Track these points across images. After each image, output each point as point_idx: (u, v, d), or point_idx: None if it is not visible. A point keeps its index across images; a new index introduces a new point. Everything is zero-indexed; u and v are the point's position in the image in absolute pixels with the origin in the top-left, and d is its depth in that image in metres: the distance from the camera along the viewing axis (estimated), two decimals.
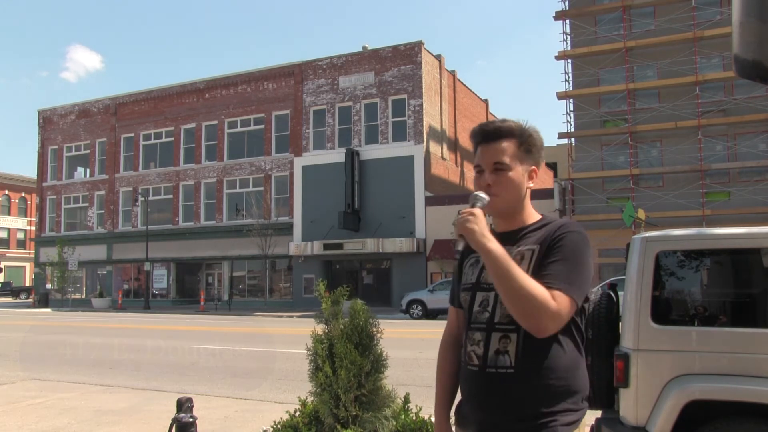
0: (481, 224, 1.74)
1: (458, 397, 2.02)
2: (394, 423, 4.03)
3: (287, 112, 35.00)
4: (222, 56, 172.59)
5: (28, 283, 59.46)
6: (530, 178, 1.93)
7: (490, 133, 1.91)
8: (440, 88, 34.33)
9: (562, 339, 1.79)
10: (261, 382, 9.41)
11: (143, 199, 37.23)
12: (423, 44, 32.16)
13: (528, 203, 1.95)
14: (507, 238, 1.87)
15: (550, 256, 1.79)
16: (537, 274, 1.76)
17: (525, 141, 1.91)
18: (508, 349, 1.80)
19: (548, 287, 1.71)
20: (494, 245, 1.71)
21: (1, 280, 58.06)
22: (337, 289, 4.33)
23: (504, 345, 1.81)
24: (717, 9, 28.86)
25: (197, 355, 12.70)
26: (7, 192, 63.95)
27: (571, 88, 31.82)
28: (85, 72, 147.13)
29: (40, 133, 43.81)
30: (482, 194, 1.85)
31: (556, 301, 1.70)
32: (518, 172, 1.89)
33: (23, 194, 65.13)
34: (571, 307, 1.74)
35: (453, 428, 2.02)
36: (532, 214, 1.95)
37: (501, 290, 1.72)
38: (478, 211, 1.77)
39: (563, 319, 1.73)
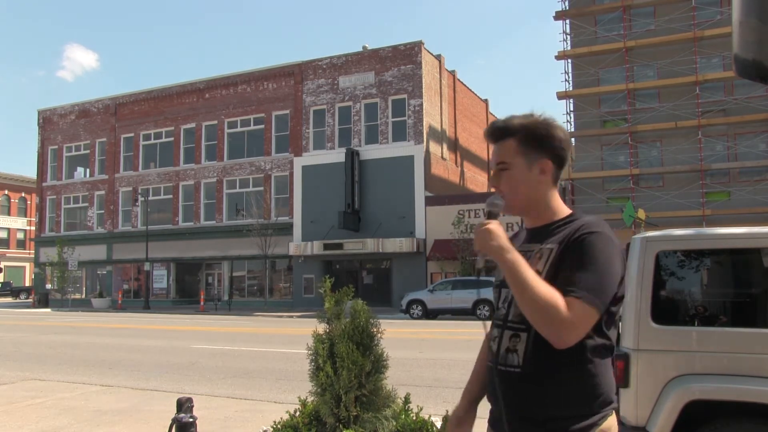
0: (498, 239, 1.71)
1: None
2: (395, 423, 4.03)
3: (287, 112, 35.00)
4: (222, 56, 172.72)
5: (28, 283, 59.45)
6: (542, 172, 1.83)
7: (492, 134, 1.90)
8: (440, 88, 34.33)
9: (577, 343, 1.69)
10: (261, 382, 9.41)
11: (143, 199, 37.23)
12: (423, 44, 32.16)
13: (552, 198, 1.87)
14: (535, 235, 1.86)
15: (566, 259, 1.72)
16: (553, 275, 1.72)
17: (529, 134, 1.83)
18: (517, 348, 1.78)
19: (564, 294, 1.65)
20: (510, 256, 1.69)
21: (1, 280, 58.06)
22: (342, 289, 4.32)
23: (514, 344, 1.80)
24: (717, 9, 28.86)
25: (197, 355, 12.70)
26: (6, 192, 63.95)
27: (571, 88, 31.83)
28: (82, 71, 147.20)
29: (39, 133, 43.81)
30: (497, 199, 1.84)
31: (571, 310, 1.63)
32: (521, 169, 1.83)
33: (23, 194, 65.13)
34: (588, 314, 1.65)
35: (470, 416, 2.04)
36: (561, 210, 1.87)
37: (518, 300, 1.70)
38: (493, 225, 1.73)
39: (581, 328, 1.65)
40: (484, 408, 1.97)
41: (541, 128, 1.84)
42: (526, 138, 1.83)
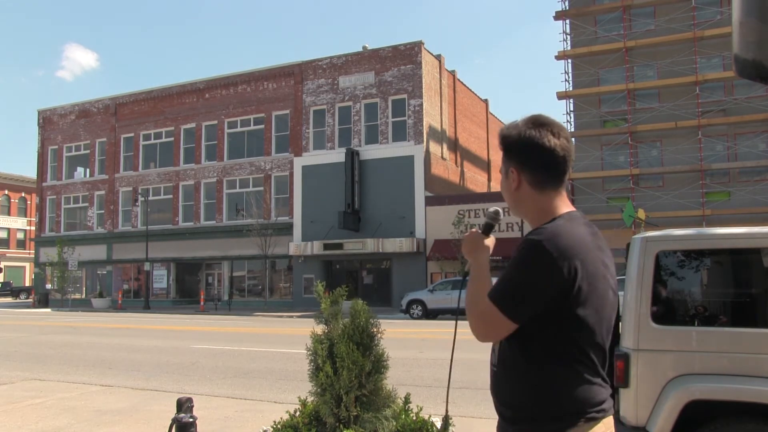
0: (470, 248, 1.92)
1: None
2: (395, 423, 4.03)
3: (287, 112, 34.99)
4: (222, 56, 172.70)
5: (28, 283, 59.44)
6: (513, 180, 1.88)
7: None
8: (440, 88, 34.33)
9: (529, 347, 1.75)
10: (261, 382, 9.41)
11: (143, 199, 37.23)
12: (423, 44, 32.15)
13: (540, 203, 1.87)
14: None
15: None
16: None
17: (503, 145, 1.92)
18: (495, 348, 1.88)
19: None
20: (474, 260, 1.89)
21: (1, 280, 58.05)
22: (336, 290, 4.33)
23: (495, 343, 1.89)
24: (717, 9, 28.86)
25: (197, 355, 12.70)
26: (7, 192, 63.93)
27: (571, 88, 31.82)
28: (81, 70, 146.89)
29: (40, 133, 43.81)
30: (496, 213, 1.99)
31: (479, 307, 1.76)
32: (502, 177, 1.95)
33: (23, 194, 65.12)
34: (492, 313, 1.72)
35: None
36: (550, 214, 1.86)
37: None
38: (470, 235, 1.94)
39: (488, 326, 1.75)
40: (491, 408, 2.00)
41: (507, 137, 1.91)
42: (503, 147, 1.94)
